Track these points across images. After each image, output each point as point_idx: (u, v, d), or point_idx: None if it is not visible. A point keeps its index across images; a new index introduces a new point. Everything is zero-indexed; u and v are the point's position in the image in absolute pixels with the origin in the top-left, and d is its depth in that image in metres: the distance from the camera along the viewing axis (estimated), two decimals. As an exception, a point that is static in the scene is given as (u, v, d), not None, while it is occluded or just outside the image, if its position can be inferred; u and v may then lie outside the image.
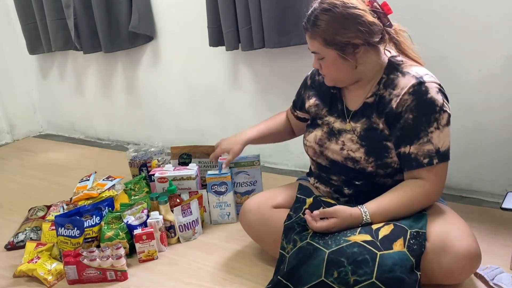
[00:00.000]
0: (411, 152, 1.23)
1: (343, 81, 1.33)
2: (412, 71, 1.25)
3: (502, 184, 1.69)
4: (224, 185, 1.67)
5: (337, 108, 1.39)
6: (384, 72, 1.29)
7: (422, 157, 1.21)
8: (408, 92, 1.21)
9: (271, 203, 1.42)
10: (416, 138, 1.21)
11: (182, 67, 2.44)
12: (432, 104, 1.20)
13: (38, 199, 2.04)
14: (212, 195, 1.69)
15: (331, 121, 1.39)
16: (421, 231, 1.17)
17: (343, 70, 1.28)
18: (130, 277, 1.46)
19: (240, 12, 1.95)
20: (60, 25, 2.62)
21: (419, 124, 1.21)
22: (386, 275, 1.10)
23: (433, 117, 1.20)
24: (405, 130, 1.23)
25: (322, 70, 1.32)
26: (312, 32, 1.25)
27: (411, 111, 1.21)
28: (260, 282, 1.35)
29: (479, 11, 1.57)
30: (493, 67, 1.60)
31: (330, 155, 1.37)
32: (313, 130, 1.42)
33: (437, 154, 1.21)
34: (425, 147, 1.21)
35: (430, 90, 1.20)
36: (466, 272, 1.18)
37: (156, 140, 2.37)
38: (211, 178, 1.68)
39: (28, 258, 1.51)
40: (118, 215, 1.60)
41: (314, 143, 1.41)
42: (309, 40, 1.28)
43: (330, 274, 1.14)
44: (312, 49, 1.29)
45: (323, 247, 1.18)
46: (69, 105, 3.07)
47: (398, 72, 1.27)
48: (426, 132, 1.21)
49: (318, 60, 1.30)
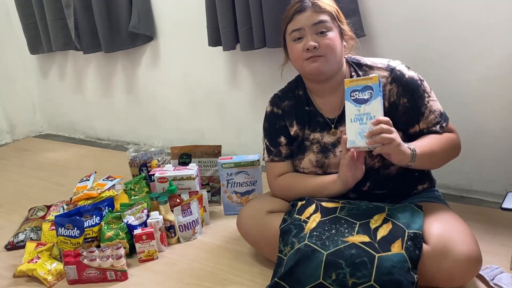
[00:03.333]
0: (421, 128, 1.31)
1: (333, 65, 1.31)
2: (377, 63, 1.35)
3: (502, 184, 1.69)
4: (368, 90, 1.21)
5: (318, 123, 1.39)
6: (351, 70, 1.36)
7: (433, 127, 1.30)
8: (388, 82, 1.30)
9: (267, 209, 1.41)
10: (420, 115, 1.30)
11: (182, 67, 2.44)
12: (413, 80, 1.30)
13: (38, 199, 2.04)
14: (351, 104, 1.23)
15: (318, 138, 1.38)
16: (418, 233, 1.16)
17: (339, 51, 1.32)
18: (130, 277, 1.46)
19: (240, 12, 1.95)
20: (60, 25, 2.63)
21: (416, 102, 1.30)
22: (385, 278, 1.10)
23: (421, 90, 1.30)
24: (407, 113, 1.30)
25: (320, 48, 1.28)
26: (320, 6, 1.29)
27: (403, 96, 1.29)
28: (260, 282, 1.35)
29: (479, 11, 1.57)
30: (493, 67, 1.60)
31: (334, 171, 1.35)
32: (304, 156, 1.40)
33: (440, 117, 1.31)
34: (430, 117, 1.30)
35: (404, 71, 1.31)
36: (466, 276, 1.17)
37: (156, 140, 2.37)
38: (351, 81, 1.23)
39: (28, 258, 1.51)
40: (118, 215, 1.60)
41: (313, 167, 1.39)
42: (313, 13, 1.29)
43: (328, 276, 1.14)
44: (318, 20, 1.28)
45: (321, 248, 1.17)
46: (69, 105, 3.07)
47: (365, 67, 1.35)
48: (425, 106, 1.30)
49: (315, 38, 1.29)
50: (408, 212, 1.22)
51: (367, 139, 1.18)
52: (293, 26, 1.31)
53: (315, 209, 1.29)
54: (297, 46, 1.31)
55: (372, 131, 1.16)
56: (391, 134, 1.16)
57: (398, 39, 1.72)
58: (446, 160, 1.33)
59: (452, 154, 1.33)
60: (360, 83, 1.21)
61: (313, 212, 1.28)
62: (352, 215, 1.23)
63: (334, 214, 1.25)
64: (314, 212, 1.28)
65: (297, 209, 1.31)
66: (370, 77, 1.21)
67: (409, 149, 1.20)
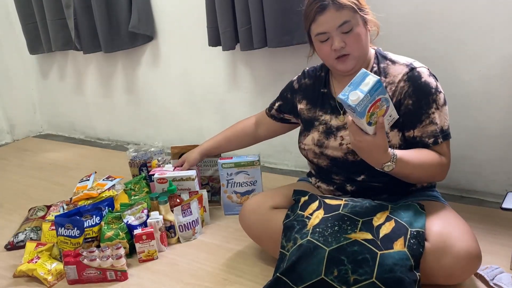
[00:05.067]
0: (415, 135, 1.28)
1: (364, 56, 1.33)
2: (401, 60, 1.33)
3: (502, 184, 1.69)
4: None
5: (330, 106, 1.41)
6: (374, 62, 1.35)
7: (427, 138, 1.27)
8: (403, 79, 1.28)
9: (270, 204, 1.41)
10: (418, 122, 1.27)
11: (182, 67, 2.44)
12: (428, 86, 1.27)
13: (38, 199, 2.04)
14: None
15: (327, 120, 1.40)
16: (421, 231, 1.17)
17: (366, 41, 1.31)
18: (130, 277, 1.46)
19: (239, 12, 1.95)
20: (60, 25, 2.63)
21: (420, 108, 1.27)
22: (386, 275, 1.10)
23: (431, 99, 1.26)
24: (406, 116, 1.28)
25: (347, 47, 1.29)
26: (341, 2, 1.25)
27: (410, 97, 1.27)
28: (260, 282, 1.35)
29: (479, 11, 1.57)
30: (493, 67, 1.60)
31: (330, 153, 1.38)
32: (309, 133, 1.44)
33: (440, 133, 1.27)
34: (429, 128, 1.27)
35: (423, 74, 1.28)
36: (466, 273, 1.18)
37: (156, 140, 2.37)
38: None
39: (28, 258, 1.51)
40: (118, 215, 1.60)
41: (313, 145, 1.42)
42: (335, 13, 1.26)
43: (330, 272, 1.14)
44: (341, 21, 1.26)
45: (323, 244, 1.18)
46: (69, 105, 3.08)
47: (387, 61, 1.34)
48: (427, 114, 1.26)
49: (342, 37, 1.28)
50: (411, 210, 1.23)
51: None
52: (317, 28, 1.29)
53: (318, 205, 1.29)
54: (325, 47, 1.31)
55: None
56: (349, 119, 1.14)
57: (397, 39, 1.72)
58: (425, 178, 1.30)
59: (434, 175, 1.29)
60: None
61: (316, 208, 1.29)
62: (355, 212, 1.23)
63: (337, 211, 1.26)
64: (318, 209, 1.28)
65: (300, 205, 1.32)
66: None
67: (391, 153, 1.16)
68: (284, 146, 2.22)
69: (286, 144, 2.20)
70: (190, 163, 1.75)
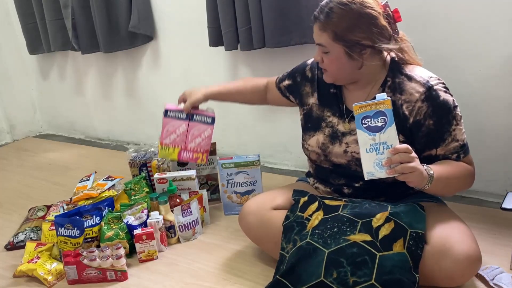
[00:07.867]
0: (438, 154, 1.26)
1: (343, 79, 1.33)
2: (416, 75, 1.26)
3: (502, 184, 1.69)
4: (381, 116, 1.14)
5: (338, 108, 1.38)
6: (388, 75, 1.29)
7: (450, 155, 1.26)
8: (421, 99, 1.24)
9: (270, 205, 1.41)
10: (441, 141, 1.25)
11: (182, 67, 2.44)
12: (446, 104, 1.24)
13: (38, 199, 2.04)
14: (364, 133, 1.15)
15: (334, 123, 1.38)
16: (420, 232, 1.17)
17: (345, 68, 1.27)
18: (130, 277, 1.46)
19: (239, 12, 1.95)
20: (59, 25, 2.62)
21: (441, 127, 1.24)
22: (386, 277, 1.10)
23: (451, 116, 1.24)
24: (429, 136, 1.25)
25: (323, 64, 1.31)
26: (324, 23, 1.23)
27: (430, 117, 1.24)
28: (260, 282, 1.35)
29: (479, 11, 1.57)
30: (493, 67, 1.60)
31: (334, 159, 1.36)
32: (314, 134, 1.41)
33: (461, 148, 1.26)
34: (451, 146, 1.25)
35: (440, 92, 1.24)
36: (466, 275, 1.18)
37: (156, 140, 2.36)
38: (360, 107, 1.15)
39: (28, 258, 1.51)
40: (118, 215, 1.60)
41: (317, 147, 1.39)
42: (318, 32, 1.25)
43: (329, 274, 1.14)
44: (318, 41, 1.26)
45: (322, 246, 1.18)
46: (69, 105, 3.07)
47: (403, 76, 1.28)
48: (449, 133, 1.24)
49: (321, 53, 1.28)
50: (411, 211, 1.22)
51: (387, 169, 1.12)
52: None
53: (317, 206, 1.29)
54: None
55: (391, 160, 1.12)
56: (412, 162, 1.11)
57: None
58: (459, 189, 1.30)
59: (465, 185, 1.30)
60: (372, 109, 1.13)
61: (315, 209, 1.29)
62: (354, 214, 1.23)
63: (336, 212, 1.25)
64: (317, 210, 1.28)
65: (300, 206, 1.32)
66: (382, 101, 1.13)
67: (428, 173, 1.15)
68: (284, 146, 2.22)
69: (286, 144, 2.20)
70: (192, 101, 1.61)
